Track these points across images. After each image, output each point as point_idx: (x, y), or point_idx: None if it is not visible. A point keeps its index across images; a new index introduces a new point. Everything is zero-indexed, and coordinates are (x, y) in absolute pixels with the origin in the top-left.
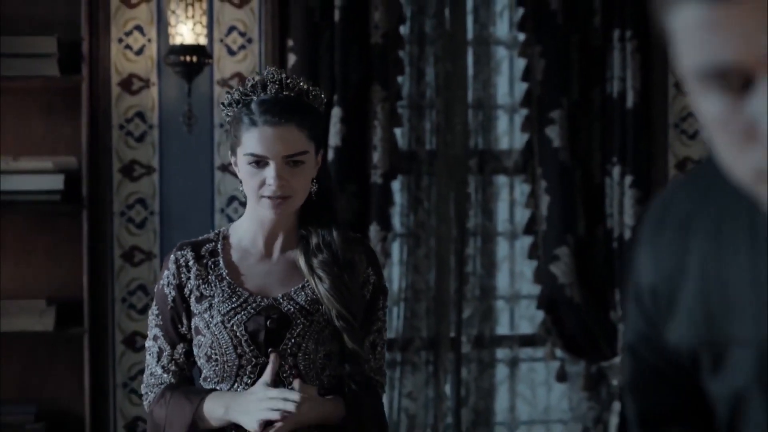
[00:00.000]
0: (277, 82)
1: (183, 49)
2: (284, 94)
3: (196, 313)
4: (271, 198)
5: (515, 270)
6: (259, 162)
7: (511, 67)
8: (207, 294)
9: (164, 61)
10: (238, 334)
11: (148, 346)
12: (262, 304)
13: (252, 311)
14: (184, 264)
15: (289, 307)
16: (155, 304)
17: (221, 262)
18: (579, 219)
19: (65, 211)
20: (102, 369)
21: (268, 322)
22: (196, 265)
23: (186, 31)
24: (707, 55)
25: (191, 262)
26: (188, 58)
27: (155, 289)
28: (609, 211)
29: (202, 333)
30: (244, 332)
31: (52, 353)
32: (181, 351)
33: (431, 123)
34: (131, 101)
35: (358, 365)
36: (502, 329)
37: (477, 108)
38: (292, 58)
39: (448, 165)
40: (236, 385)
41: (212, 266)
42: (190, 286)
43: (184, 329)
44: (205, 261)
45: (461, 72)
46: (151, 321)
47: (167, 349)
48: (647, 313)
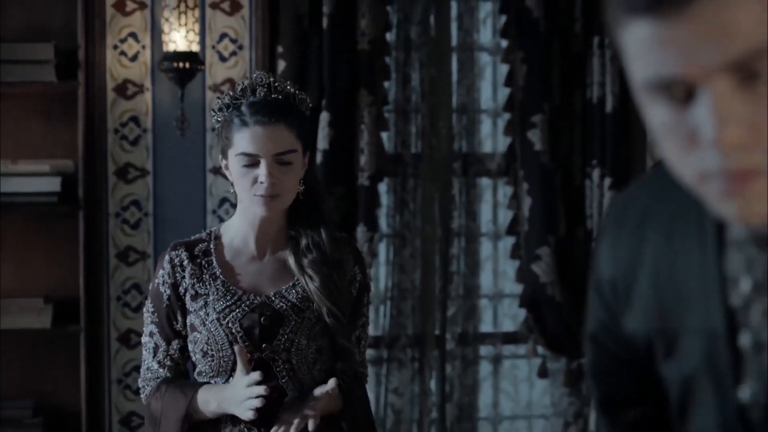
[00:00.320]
0: (266, 86)
1: (176, 55)
2: (273, 96)
3: (191, 310)
4: (263, 196)
5: (498, 269)
6: (251, 161)
7: (494, 73)
8: (202, 292)
9: (158, 67)
10: (233, 330)
11: (144, 341)
12: (256, 301)
13: (246, 309)
14: (178, 264)
15: (281, 304)
16: (150, 302)
17: (214, 261)
18: (560, 220)
19: (62, 213)
20: (97, 365)
21: (262, 319)
22: (191, 265)
23: (179, 38)
24: (654, 68)
25: (185, 262)
26: (181, 65)
27: (150, 288)
28: (589, 212)
29: (198, 330)
30: (239, 329)
31: (49, 350)
32: (176, 347)
33: (417, 127)
34: (126, 106)
35: (349, 360)
36: (485, 327)
37: (461, 112)
38: (281, 64)
39: (433, 168)
40: (231, 378)
41: (206, 265)
42: (185, 285)
43: (179, 326)
44: (198, 260)
45: (446, 77)
46: (147, 318)
47: (163, 344)
48: (607, 304)
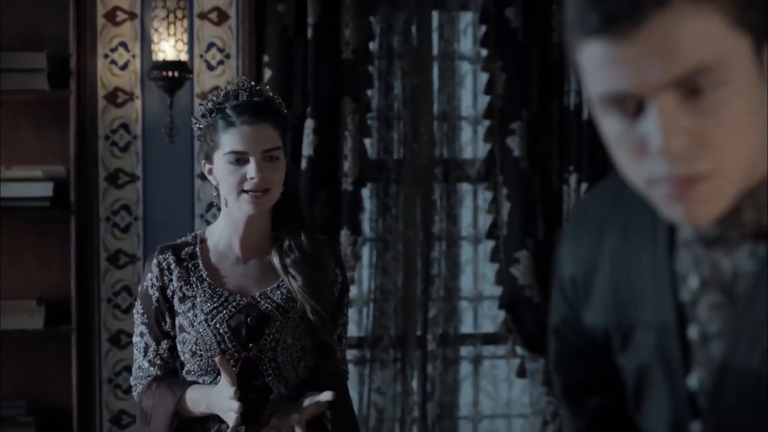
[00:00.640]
0: (247, 90)
1: (165, 64)
2: (255, 99)
3: (179, 312)
4: (253, 192)
5: (478, 272)
6: (239, 159)
7: (474, 81)
8: (189, 294)
9: (147, 75)
10: (221, 331)
11: (135, 341)
12: (242, 303)
13: (233, 310)
14: (166, 267)
15: (266, 305)
16: (140, 303)
17: (200, 264)
18: (538, 224)
19: (54, 217)
20: (89, 365)
21: (249, 320)
22: (178, 268)
23: (168, 48)
24: (608, 84)
25: (173, 265)
26: (170, 73)
27: (139, 290)
28: (566, 216)
29: (187, 330)
30: (226, 329)
31: (42, 350)
32: (165, 346)
33: (399, 133)
34: (116, 113)
35: (331, 357)
36: (465, 328)
37: (442, 119)
38: (267, 73)
39: (414, 173)
40: (218, 377)
41: (193, 268)
42: (172, 287)
43: (167, 327)
44: (185, 264)
45: (427, 85)
46: (137, 319)
47: (153, 344)
48: (568, 300)
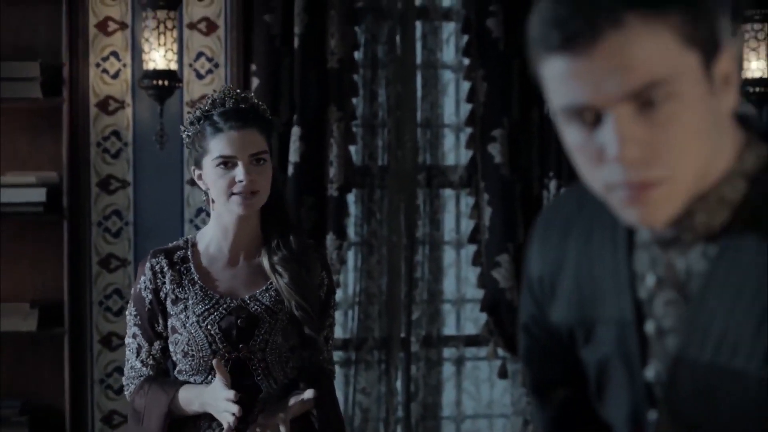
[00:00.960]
0: (233, 97)
1: (155, 73)
2: (241, 106)
3: (172, 314)
4: (242, 194)
5: (460, 275)
6: (228, 163)
7: (456, 90)
8: (181, 297)
9: (138, 84)
10: (212, 332)
11: (127, 342)
12: (232, 305)
13: (224, 312)
14: (159, 270)
15: (255, 307)
16: (133, 305)
17: (192, 267)
18: (519, 228)
19: (47, 222)
20: (81, 366)
21: (239, 321)
22: (170, 271)
23: (158, 57)
24: (568, 97)
25: (165, 269)
26: (160, 82)
27: (132, 292)
28: None
29: (179, 332)
30: (218, 331)
31: (35, 352)
32: (157, 347)
33: (383, 141)
34: (108, 121)
35: (315, 351)
36: (448, 330)
37: (425, 127)
38: (255, 81)
39: (398, 179)
40: (209, 377)
41: (185, 271)
42: (165, 290)
43: (160, 328)
44: (177, 267)
45: (411, 94)
46: (130, 320)
47: (145, 345)
48: (536, 299)
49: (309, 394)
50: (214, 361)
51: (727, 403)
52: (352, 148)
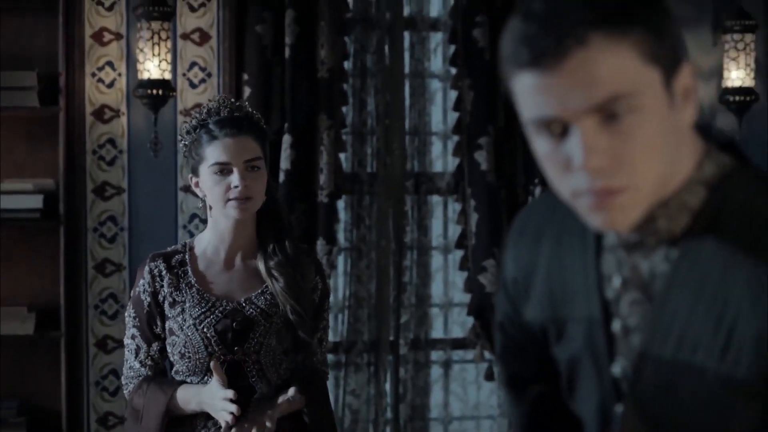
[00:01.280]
0: (228, 106)
1: (150, 83)
2: (236, 114)
3: (170, 316)
4: (237, 199)
5: (448, 280)
6: (223, 170)
7: (444, 98)
8: (179, 300)
9: (133, 93)
10: (208, 335)
11: (126, 343)
12: (228, 308)
13: (220, 315)
14: (157, 274)
15: (251, 310)
16: (132, 308)
17: (189, 271)
18: (504, 234)
19: (44, 228)
20: (77, 369)
21: (235, 324)
22: (168, 275)
23: (152, 67)
24: (537, 110)
25: (164, 272)
26: (154, 91)
27: (131, 294)
28: None
29: (176, 334)
30: (213, 334)
31: (32, 355)
32: (156, 348)
33: (372, 148)
34: (103, 129)
35: (308, 354)
36: (436, 333)
37: (413, 134)
38: (247, 91)
39: (387, 186)
40: (206, 378)
41: (182, 275)
42: (163, 293)
43: (158, 330)
44: (175, 271)
45: (399, 102)
46: (129, 322)
47: (144, 346)
48: (511, 299)
49: (291, 392)
50: (212, 363)
51: (688, 397)
52: (342, 156)
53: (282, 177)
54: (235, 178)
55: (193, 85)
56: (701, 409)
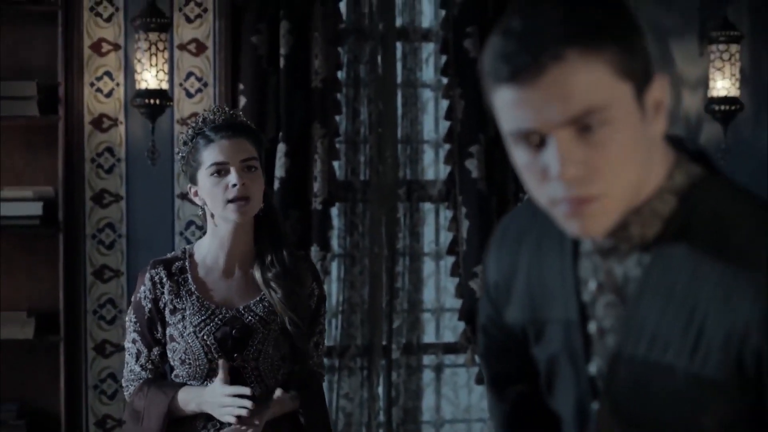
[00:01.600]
0: (223, 114)
1: (147, 92)
2: (231, 121)
3: (170, 323)
4: (236, 200)
5: (440, 286)
6: (221, 170)
7: (435, 107)
8: (179, 307)
9: (131, 103)
10: (208, 342)
11: (127, 347)
12: (227, 315)
13: (219, 323)
14: (158, 281)
15: (249, 318)
16: (133, 313)
17: (189, 278)
18: None
19: (44, 234)
20: (76, 372)
21: (234, 332)
22: (169, 282)
23: (150, 77)
24: (516, 123)
25: (164, 279)
26: (152, 101)
27: (132, 300)
28: None
29: (177, 341)
30: (213, 341)
31: (32, 359)
32: (156, 353)
33: (365, 156)
34: (102, 138)
35: (305, 362)
36: (428, 338)
37: (405, 143)
38: (242, 100)
39: (380, 193)
40: (205, 382)
41: (182, 282)
42: (164, 300)
43: (158, 335)
44: (176, 278)
45: (392, 111)
46: (129, 327)
47: (144, 350)
48: (493, 301)
49: (278, 392)
50: (220, 362)
51: (660, 394)
52: (336, 164)
53: (277, 185)
54: (232, 177)
55: (189, 95)
56: (672, 405)
